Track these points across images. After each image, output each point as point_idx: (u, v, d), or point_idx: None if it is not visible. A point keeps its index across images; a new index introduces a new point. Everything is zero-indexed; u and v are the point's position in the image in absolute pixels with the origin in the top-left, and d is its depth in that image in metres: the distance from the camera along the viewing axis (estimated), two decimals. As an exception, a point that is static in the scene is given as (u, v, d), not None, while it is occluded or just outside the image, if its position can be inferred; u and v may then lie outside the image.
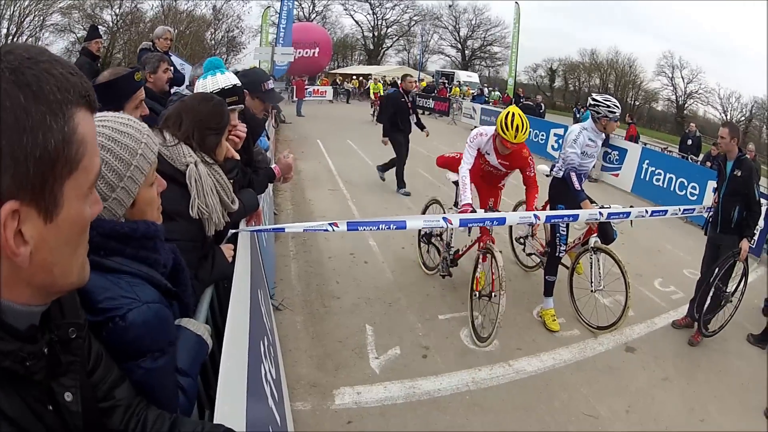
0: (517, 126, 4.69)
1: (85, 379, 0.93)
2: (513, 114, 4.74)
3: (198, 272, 2.10)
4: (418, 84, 11.27)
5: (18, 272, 0.70)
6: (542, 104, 19.67)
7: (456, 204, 5.82)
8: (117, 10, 39.72)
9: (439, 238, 6.04)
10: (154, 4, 39.74)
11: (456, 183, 5.81)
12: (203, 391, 1.81)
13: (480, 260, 5.03)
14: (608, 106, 5.05)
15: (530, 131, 5.02)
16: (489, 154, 5.09)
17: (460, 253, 5.66)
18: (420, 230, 6.48)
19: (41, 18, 36.21)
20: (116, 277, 1.17)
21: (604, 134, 5.29)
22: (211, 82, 2.76)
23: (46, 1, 35.77)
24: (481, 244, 5.07)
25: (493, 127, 5.04)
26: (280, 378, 3.24)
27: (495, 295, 5.00)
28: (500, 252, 4.83)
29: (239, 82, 2.92)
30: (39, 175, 0.67)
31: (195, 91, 2.86)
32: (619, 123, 5.40)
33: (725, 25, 46.39)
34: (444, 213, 5.98)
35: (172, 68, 4.65)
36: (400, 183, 10.16)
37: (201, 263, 2.17)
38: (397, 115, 10.06)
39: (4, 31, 33.10)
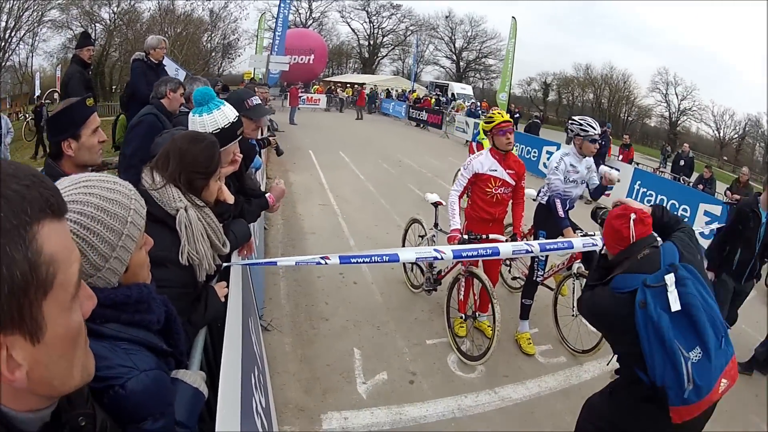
0: (498, 113, 4.97)
1: None
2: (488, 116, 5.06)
3: (191, 316, 2.09)
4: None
5: (20, 390, 0.70)
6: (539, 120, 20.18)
7: (436, 225, 5.92)
8: (115, 8, 39.68)
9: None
10: (151, 6, 39.75)
11: (435, 204, 5.88)
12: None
13: (462, 282, 5.12)
14: (581, 125, 5.14)
15: (523, 148, 5.09)
16: (495, 170, 5.01)
17: (443, 273, 5.74)
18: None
19: (40, 13, 36.24)
20: (113, 345, 1.19)
21: (587, 157, 5.30)
22: (209, 121, 2.64)
23: (46, -5, 35.91)
24: (463, 266, 5.11)
25: (484, 152, 5.15)
26: (269, 405, 3.27)
27: (480, 315, 5.14)
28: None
29: (236, 113, 2.81)
30: (12, 308, 0.65)
31: (190, 128, 2.73)
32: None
33: (719, 41, 47.58)
34: (425, 233, 6.11)
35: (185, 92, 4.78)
36: None
37: (194, 306, 2.14)
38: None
39: (3, 24, 33.06)
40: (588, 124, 5.11)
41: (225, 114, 2.72)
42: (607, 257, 2.92)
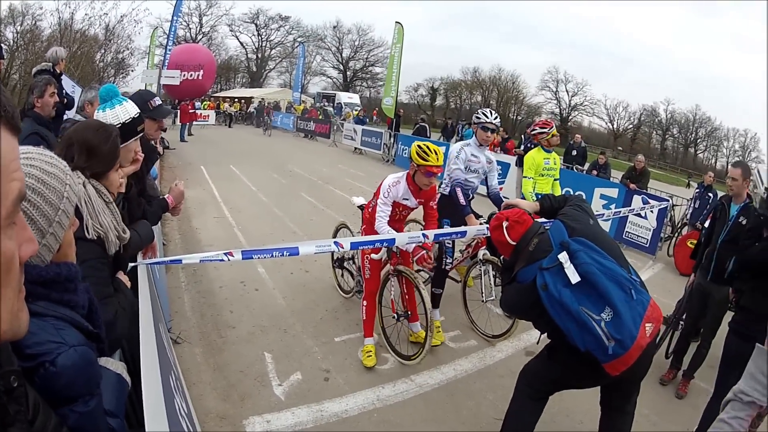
0: (435, 150, 4.59)
1: (28, 428, 0.89)
2: (423, 145, 4.65)
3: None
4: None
5: None
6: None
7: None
8: (18, 28, 37.09)
9: (351, 262, 6.03)
10: (52, 22, 37.44)
11: (360, 207, 5.54)
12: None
13: (391, 283, 4.98)
14: (476, 113, 5.49)
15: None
16: (407, 199, 4.85)
17: None
18: (333, 256, 6.38)
19: (-50, 36, 33.27)
20: (41, 321, 1.14)
21: (486, 150, 5.55)
22: (111, 116, 2.64)
23: (-42, 17, 32.93)
24: (391, 267, 4.95)
25: (401, 174, 4.89)
26: (191, 412, 3.15)
27: (411, 313, 5.04)
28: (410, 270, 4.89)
29: (138, 110, 2.81)
30: None
31: None
32: (496, 135, 5.72)
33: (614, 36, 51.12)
34: (354, 236, 5.87)
35: (56, 91, 4.71)
36: None
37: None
38: None
39: None
40: (482, 113, 5.41)
41: (126, 110, 2.74)
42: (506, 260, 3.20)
